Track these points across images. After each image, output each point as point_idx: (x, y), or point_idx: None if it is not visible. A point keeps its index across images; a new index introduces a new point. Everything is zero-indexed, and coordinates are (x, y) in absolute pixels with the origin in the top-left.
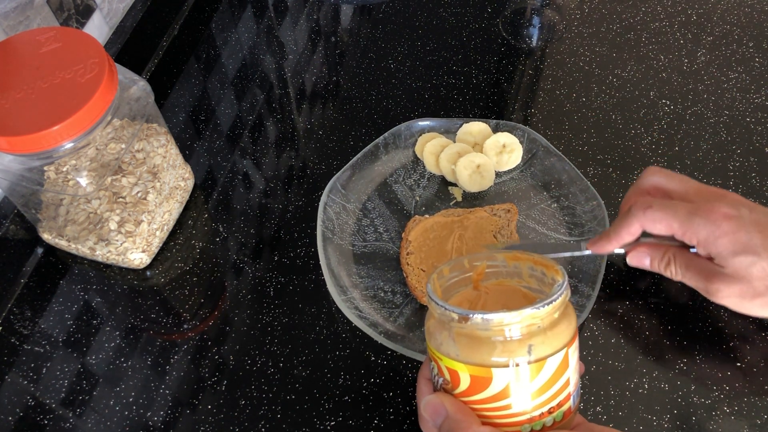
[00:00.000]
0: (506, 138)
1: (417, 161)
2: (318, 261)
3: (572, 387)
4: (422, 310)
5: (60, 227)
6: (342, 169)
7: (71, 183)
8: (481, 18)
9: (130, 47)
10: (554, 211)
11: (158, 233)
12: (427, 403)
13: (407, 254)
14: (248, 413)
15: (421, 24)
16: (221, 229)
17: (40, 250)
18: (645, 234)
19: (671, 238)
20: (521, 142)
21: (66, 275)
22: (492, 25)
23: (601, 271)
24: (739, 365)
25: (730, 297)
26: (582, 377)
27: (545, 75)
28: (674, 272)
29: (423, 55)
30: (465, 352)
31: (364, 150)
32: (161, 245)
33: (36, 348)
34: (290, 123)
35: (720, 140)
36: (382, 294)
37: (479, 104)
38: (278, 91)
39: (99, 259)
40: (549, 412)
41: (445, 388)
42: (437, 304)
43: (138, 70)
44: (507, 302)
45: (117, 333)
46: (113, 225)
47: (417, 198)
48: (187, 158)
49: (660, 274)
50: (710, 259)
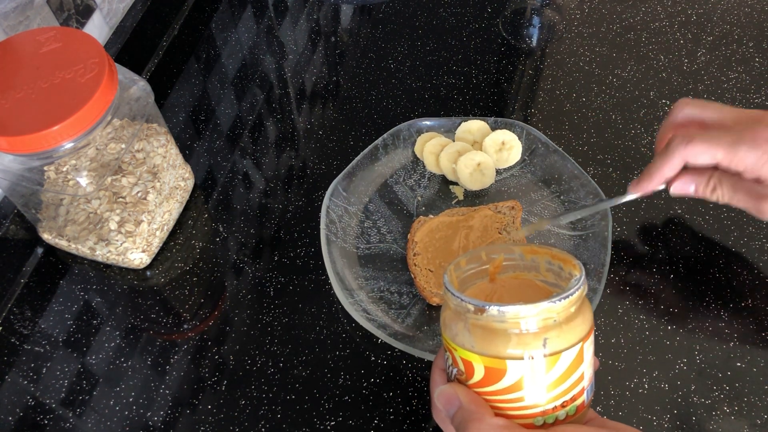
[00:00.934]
0: (505, 135)
1: (417, 161)
2: (318, 260)
3: (586, 381)
4: (430, 311)
5: (60, 227)
6: (343, 172)
7: (71, 183)
8: (481, 18)
9: (130, 47)
10: (557, 207)
11: (158, 233)
12: (441, 393)
13: (414, 255)
14: (248, 413)
15: (421, 24)
16: (221, 229)
17: (40, 250)
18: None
19: (713, 168)
20: (520, 139)
21: (66, 275)
22: (492, 25)
23: (606, 265)
24: (739, 365)
25: None
26: None
27: (545, 75)
28: (721, 196)
29: (423, 55)
30: (480, 344)
31: (364, 152)
32: (161, 245)
33: (36, 348)
34: (290, 123)
35: None
36: (389, 295)
37: (479, 104)
38: (278, 91)
39: (99, 259)
40: (562, 406)
41: (459, 379)
42: (454, 296)
43: (138, 70)
44: (523, 296)
45: (117, 333)
46: (113, 225)
47: (418, 198)
48: (187, 158)
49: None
50: (758, 182)
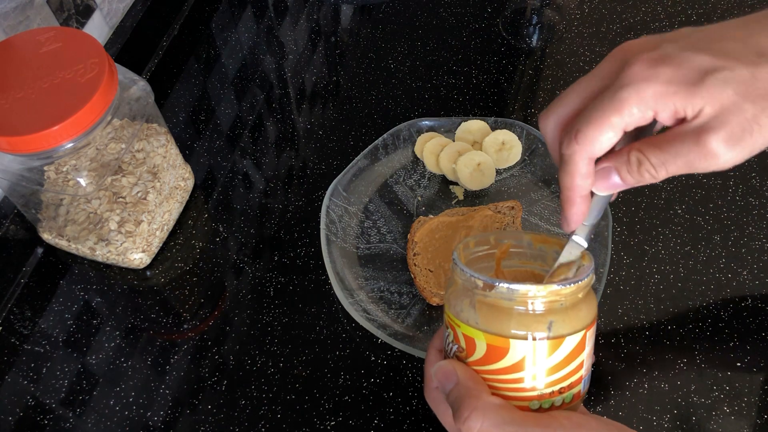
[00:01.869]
0: (505, 135)
1: (417, 161)
2: (318, 261)
3: (584, 371)
4: (430, 311)
5: (60, 227)
6: (342, 172)
7: (71, 183)
8: (481, 18)
9: (130, 47)
10: (556, 207)
11: (158, 233)
12: (439, 368)
13: (414, 255)
14: (248, 413)
15: (421, 24)
16: (221, 229)
17: (40, 250)
18: None
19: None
20: (520, 139)
21: (66, 275)
22: (492, 25)
23: (607, 265)
24: (739, 365)
25: (735, 139)
26: None
27: (545, 75)
28: (654, 168)
29: (423, 55)
30: (485, 321)
31: (364, 152)
32: (161, 245)
33: (36, 348)
34: (290, 123)
35: None
36: (389, 295)
37: (479, 104)
38: (278, 91)
39: (99, 259)
40: (560, 392)
41: (459, 356)
42: (463, 271)
43: (138, 70)
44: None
45: (117, 333)
46: (113, 225)
47: (418, 198)
48: (187, 158)
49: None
50: (681, 122)
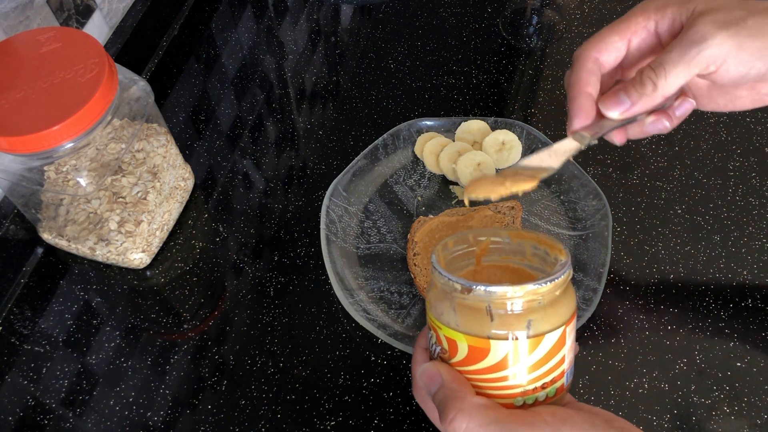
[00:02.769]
0: (505, 135)
1: (417, 161)
2: (318, 260)
3: (566, 365)
4: None
5: (60, 227)
6: (342, 172)
7: (71, 183)
8: (481, 18)
9: (130, 47)
10: (556, 207)
11: (158, 233)
12: (424, 371)
13: (414, 255)
14: (248, 413)
15: (421, 24)
16: (221, 229)
17: (40, 250)
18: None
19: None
20: (520, 139)
21: (66, 275)
22: (492, 25)
23: (606, 265)
24: (739, 365)
25: (713, 22)
26: (582, 377)
27: (545, 75)
28: (653, 72)
29: (423, 55)
30: (465, 323)
31: (364, 152)
32: (161, 245)
33: (36, 348)
34: (290, 123)
35: (720, 140)
36: (389, 295)
37: (479, 104)
38: (278, 91)
39: (99, 259)
40: (543, 387)
41: (443, 357)
42: (441, 275)
43: (138, 70)
44: (508, 280)
45: (117, 333)
46: (113, 225)
47: (418, 198)
48: (187, 158)
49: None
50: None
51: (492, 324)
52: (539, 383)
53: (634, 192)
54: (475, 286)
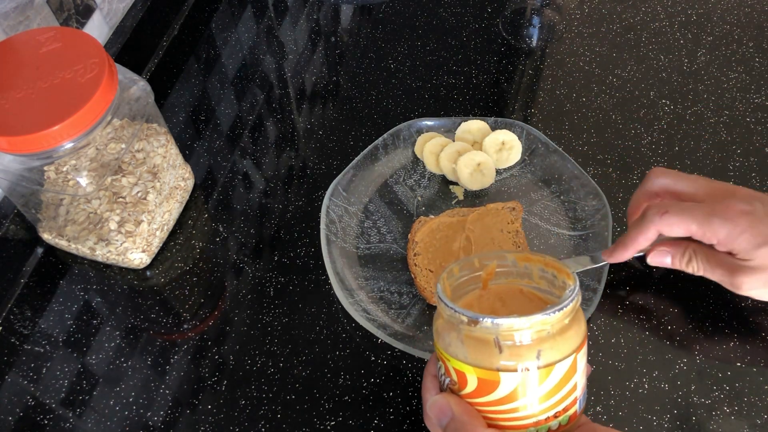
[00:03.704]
0: (505, 135)
1: (417, 161)
2: (318, 261)
3: (579, 391)
4: (430, 311)
5: (60, 227)
6: (342, 172)
7: (71, 183)
8: (481, 18)
9: (130, 47)
10: (556, 207)
11: (158, 233)
12: (434, 404)
13: (414, 255)
14: (248, 413)
15: (421, 24)
16: (221, 229)
17: (40, 250)
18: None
19: (688, 238)
20: (520, 139)
21: (66, 275)
22: (492, 25)
23: (607, 265)
24: (739, 365)
25: (757, 288)
26: None
27: (545, 75)
28: (696, 268)
29: (423, 55)
30: (473, 355)
31: (364, 152)
32: (161, 245)
33: (36, 348)
34: (290, 123)
35: (720, 140)
36: (389, 295)
37: (479, 104)
38: (278, 91)
39: (99, 259)
40: (555, 416)
41: (452, 389)
42: (447, 306)
43: (138, 70)
44: (516, 304)
45: (117, 333)
46: (113, 225)
47: (418, 198)
48: (187, 158)
49: (681, 271)
50: (730, 254)
51: (501, 356)
52: (552, 412)
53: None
54: (482, 319)
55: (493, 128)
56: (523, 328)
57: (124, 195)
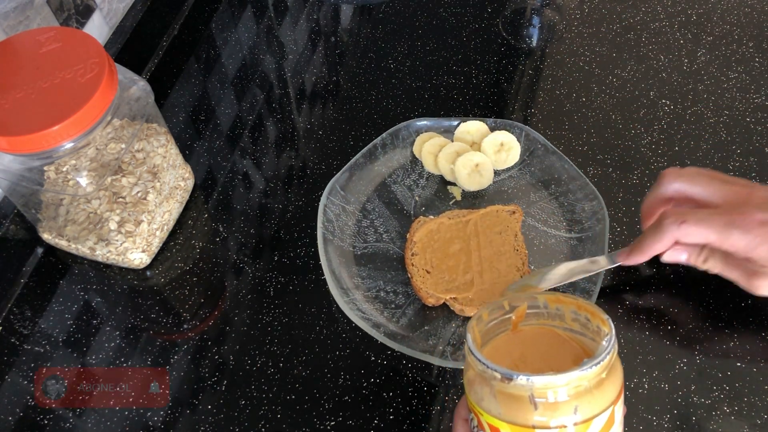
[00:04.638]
0: (504, 136)
1: (415, 161)
2: (318, 261)
3: None
4: (424, 311)
5: (60, 227)
6: (341, 171)
7: (71, 183)
8: (481, 18)
9: (130, 47)
10: (554, 209)
11: (158, 233)
12: None
13: (412, 255)
14: (248, 413)
15: (421, 24)
16: (221, 229)
17: (40, 250)
18: None
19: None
20: (519, 140)
21: (66, 275)
22: (492, 25)
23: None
24: (739, 365)
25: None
26: None
27: (545, 75)
28: (713, 267)
29: (423, 55)
30: (507, 412)
31: (363, 151)
32: (161, 245)
33: (36, 348)
34: (290, 123)
35: (720, 140)
36: (384, 295)
37: (479, 104)
38: (278, 91)
39: (99, 259)
40: None
41: None
42: (479, 361)
43: (138, 70)
44: (548, 348)
45: (117, 333)
46: (113, 225)
47: (416, 198)
48: (187, 158)
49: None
50: (748, 260)
51: (536, 412)
52: None
53: (634, 192)
54: (516, 376)
55: (492, 129)
56: (560, 385)
57: (124, 195)
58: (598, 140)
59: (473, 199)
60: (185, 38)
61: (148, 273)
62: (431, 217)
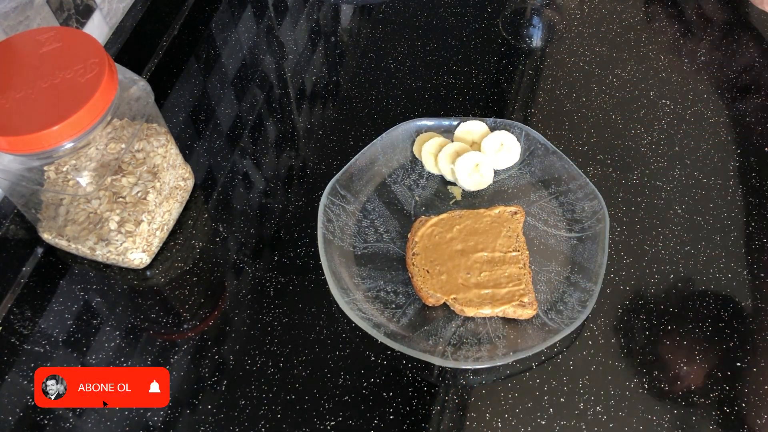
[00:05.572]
0: (504, 136)
1: (415, 161)
2: (318, 261)
3: None
4: (425, 311)
5: (60, 227)
6: (341, 171)
7: (71, 183)
8: (481, 18)
9: (130, 47)
10: (554, 208)
11: (158, 233)
12: None
13: (413, 255)
14: (248, 413)
15: (421, 24)
16: (221, 229)
17: (40, 250)
18: None
19: None
20: (519, 140)
21: (66, 275)
22: (492, 25)
23: (603, 266)
24: (739, 365)
25: None
26: (582, 377)
27: (545, 75)
28: None
29: (423, 55)
30: None
31: (363, 151)
32: (161, 245)
33: (36, 348)
34: (290, 123)
35: (720, 140)
36: (384, 294)
37: (479, 104)
38: (278, 91)
39: (99, 259)
40: None
41: None
42: None
43: (138, 70)
44: None
45: (117, 333)
46: (113, 225)
47: (416, 198)
48: (187, 158)
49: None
50: None
51: None
52: None
53: (634, 192)
54: None
55: (492, 129)
56: None
57: (124, 195)
58: (598, 140)
59: (473, 199)
60: (185, 38)
61: (148, 273)
62: (432, 217)
